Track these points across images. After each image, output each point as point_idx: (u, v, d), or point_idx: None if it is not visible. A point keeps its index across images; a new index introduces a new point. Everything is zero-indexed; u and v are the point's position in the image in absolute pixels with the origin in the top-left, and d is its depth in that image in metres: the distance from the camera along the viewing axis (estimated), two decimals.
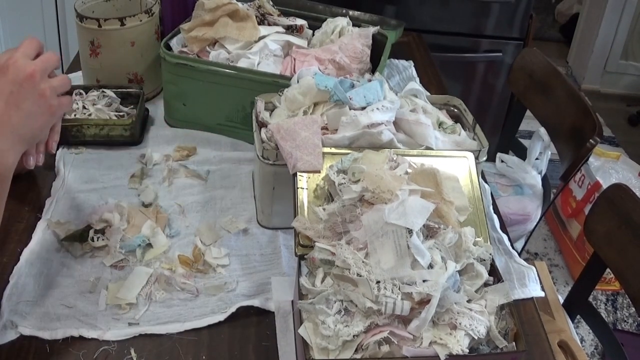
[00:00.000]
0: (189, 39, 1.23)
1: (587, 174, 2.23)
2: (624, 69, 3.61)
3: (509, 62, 2.24)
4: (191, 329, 0.84)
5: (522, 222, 1.62)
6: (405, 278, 0.74)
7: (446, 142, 0.99)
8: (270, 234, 1.01)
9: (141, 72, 1.30)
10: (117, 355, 0.80)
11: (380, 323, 0.73)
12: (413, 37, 1.82)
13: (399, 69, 1.58)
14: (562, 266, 2.34)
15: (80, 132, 1.15)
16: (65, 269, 0.91)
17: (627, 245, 1.08)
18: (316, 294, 0.76)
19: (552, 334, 1.07)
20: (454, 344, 0.72)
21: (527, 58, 1.69)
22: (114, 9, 1.34)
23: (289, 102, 1.02)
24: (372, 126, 0.93)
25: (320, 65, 1.20)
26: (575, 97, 1.50)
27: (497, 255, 1.03)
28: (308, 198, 0.87)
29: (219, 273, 0.93)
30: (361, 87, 0.99)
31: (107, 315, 0.85)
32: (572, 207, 2.31)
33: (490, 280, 0.81)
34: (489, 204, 1.15)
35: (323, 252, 0.79)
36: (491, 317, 0.76)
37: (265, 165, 0.96)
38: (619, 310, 2.18)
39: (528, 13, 2.19)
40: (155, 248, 0.95)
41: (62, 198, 1.04)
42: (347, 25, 1.32)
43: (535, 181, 1.64)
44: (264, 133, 0.96)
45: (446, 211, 0.83)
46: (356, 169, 0.86)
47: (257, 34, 1.24)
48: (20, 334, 0.81)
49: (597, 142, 1.35)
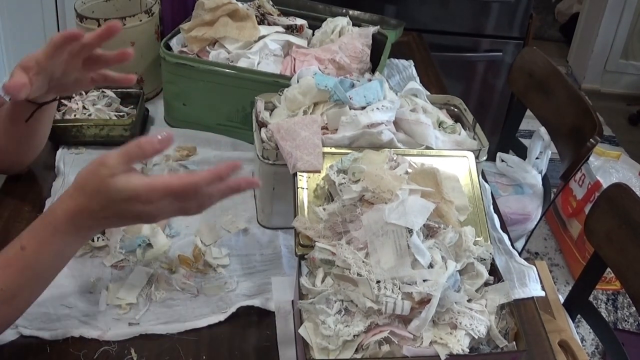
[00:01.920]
0: (189, 39, 1.23)
1: (587, 174, 2.23)
2: (624, 69, 3.61)
3: (509, 61, 2.24)
4: (191, 329, 0.84)
5: (522, 221, 1.61)
6: (405, 278, 0.74)
7: (446, 141, 0.99)
8: (270, 233, 1.01)
9: (141, 72, 1.29)
10: (117, 355, 0.80)
11: (381, 323, 0.73)
12: (413, 36, 1.82)
13: (399, 69, 1.58)
14: (563, 266, 2.34)
15: (80, 132, 1.15)
16: (65, 269, 0.90)
17: (628, 245, 1.08)
18: (316, 293, 0.76)
19: (552, 334, 1.06)
20: (454, 344, 0.72)
21: (527, 57, 1.69)
22: (114, 9, 1.34)
23: (289, 102, 1.02)
24: (372, 126, 0.93)
25: (320, 65, 1.20)
26: (575, 96, 1.50)
27: (498, 255, 1.03)
28: (308, 198, 0.87)
29: (219, 273, 0.93)
30: (361, 86, 0.99)
31: (107, 315, 0.85)
32: (572, 207, 2.31)
33: (491, 280, 0.81)
34: (489, 203, 1.15)
35: (323, 252, 0.79)
36: (491, 317, 0.76)
37: (265, 165, 0.96)
38: (619, 310, 2.18)
39: (528, 13, 2.19)
40: (155, 248, 0.95)
41: None
42: (347, 25, 1.32)
43: (536, 180, 1.64)
44: (264, 133, 0.96)
45: (446, 211, 0.83)
46: (356, 169, 0.85)
47: (257, 33, 1.24)
48: (20, 334, 0.81)
49: (597, 142, 1.35)
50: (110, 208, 0.71)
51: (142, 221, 0.74)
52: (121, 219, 0.73)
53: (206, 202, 0.73)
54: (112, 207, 0.71)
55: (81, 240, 0.75)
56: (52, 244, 0.72)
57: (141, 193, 0.70)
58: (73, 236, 0.73)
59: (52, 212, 0.73)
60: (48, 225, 0.72)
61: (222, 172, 0.71)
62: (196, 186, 0.71)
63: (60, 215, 0.72)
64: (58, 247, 0.73)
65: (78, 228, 0.72)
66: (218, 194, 0.73)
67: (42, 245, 0.72)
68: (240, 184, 0.74)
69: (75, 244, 0.75)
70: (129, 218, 0.73)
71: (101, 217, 0.72)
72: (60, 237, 0.72)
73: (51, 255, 0.73)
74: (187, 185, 0.71)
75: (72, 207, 0.71)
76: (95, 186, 0.70)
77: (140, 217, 0.73)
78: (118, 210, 0.71)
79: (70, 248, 0.75)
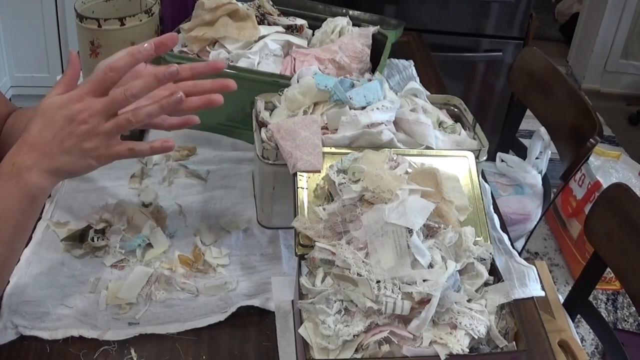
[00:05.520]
0: (189, 39, 1.23)
1: (587, 174, 2.23)
2: (624, 68, 3.61)
3: (509, 61, 2.24)
4: (191, 329, 0.84)
5: (522, 221, 1.61)
6: (405, 278, 0.74)
7: (446, 141, 0.99)
8: (270, 233, 1.01)
9: None
10: (117, 355, 0.80)
11: (381, 323, 0.73)
12: (413, 36, 1.82)
13: (399, 69, 1.58)
14: (563, 265, 2.34)
15: None
16: (65, 269, 0.91)
17: (627, 245, 1.08)
18: (316, 293, 0.76)
19: (552, 334, 1.07)
20: (454, 344, 0.72)
21: (527, 57, 1.69)
22: (114, 9, 1.34)
23: (289, 102, 1.02)
24: (372, 126, 0.93)
25: (320, 65, 1.20)
26: (575, 96, 1.50)
27: (498, 255, 1.03)
28: (308, 198, 0.87)
29: (219, 273, 0.93)
30: (361, 86, 0.99)
31: (107, 315, 0.85)
32: (572, 207, 2.31)
33: (491, 280, 0.81)
34: (489, 203, 1.15)
35: (323, 251, 0.79)
36: (491, 317, 0.76)
37: (265, 165, 0.96)
38: (619, 310, 2.18)
39: (528, 12, 2.20)
40: (155, 248, 0.95)
41: (62, 198, 1.04)
42: (347, 24, 1.32)
43: (536, 180, 1.64)
44: (264, 133, 0.96)
45: (446, 211, 0.83)
46: (356, 169, 0.85)
47: (257, 33, 1.24)
48: (20, 334, 0.81)
49: (597, 142, 1.35)
50: (47, 127, 0.74)
51: (86, 143, 0.75)
52: (60, 139, 0.74)
53: (133, 90, 0.75)
54: (48, 125, 0.74)
55: (23, 185, 0.73)
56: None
57: (72, 94, 0.75)
58: (15, 178, 0.73)
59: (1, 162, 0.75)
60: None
61: (136, 53, 0.77)
62: (111, 67, 0.75)
63: (4, 160, 0.74)
64: (1, 194, 0.73)
65: (18, 167, 0.73)
66: (142, 85, 0.75)
67: None
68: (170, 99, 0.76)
69: (17, 191, 0.73)
70: (66, 133, 0.74)
71: (40, 145, 0.74)
72: (1, 182, 0.73)
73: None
74: (104, 68, 0.75)
75: (13, 147, 0.75)
76: (34, 112, 0.76)
77: (80, 128, 0.74)
78: (53, 121, 0.74)
79: (14, 196, 0.73)
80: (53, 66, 2.82)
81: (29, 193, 0.74)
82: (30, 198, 0.75)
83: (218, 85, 0.84)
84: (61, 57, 2.82)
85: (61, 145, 0.75)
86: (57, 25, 2.75)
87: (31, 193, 0.74)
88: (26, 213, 0.75)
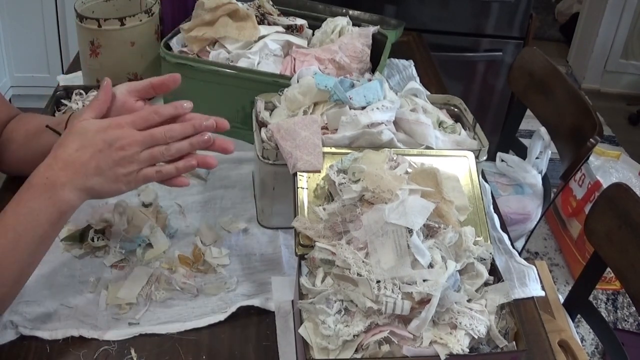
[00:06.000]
0: (189, 39, 1.23)
1: (587, 173, 2.23)
2: (624, 68, 3.61)
3: (509, 61, 2.24)
4: (191, 329, 0.84)
5: (522, 221, 1.61)
6: (405, 278, 0.74)
7: (446, 141, 0.99)
8: (270, 233, 1.01)
9: (141, 72, 1.29)
10: (117, 355, 0.80)
11: (381, 323, 0.73)
12: (413, 36, 1.82)
13: (399, 69, 1.58)
14: (563, 265, 2.34)
15: None
16: (65, 269, 0.91)
17: (628, 245, 1.08)
18: (316, 293, 0.76)
19: (552, 334, 1.07)
20: (454, 344, 0.72)
21: (527, 57, 1.69)
22: (114, 9, 1.34)
23: (289, 102, 1.02)
24: (372, 126, 0.93)
25: (320, 65, 1.20)
26: (575, 96, 1.50)
27: (498, 255, 1.03)
28: (308, 198, 0.87)
29: (219, 273, 0.93)
30: (361, 86, 0.99)
31: (107, 315, 0.85)
32: (572, 207, 2.31)
33: (491, 280, 0.81)
34: (489, 203, 1.15)
35: (323, 252, 0.79)
36: (491, 317, 0.76)
37: (265, 165, 0.96)
38: (619, 310, 2.18)
39: (528, 12, 2.19)
40: (155, 248, 0.95)
41: None
42: (347, 24, 1.32)
43: (536, 180, 1.64)
44: (264, 133, 0.96)
45: (446, 211, 0.83)
46: (356, 169, 0.85)
47: (257, 33, 1.24)
48: (20, 334, 0.81)
49: (597, 142, 1.35)
50: (86, 147, 0.78)
51: (120, 169, 0.79)
52: (96, 161, 0.78)
53: (173, 133, 0.82)
54: (86, 145, 0.78)
55: (56, 200, 0.76)
56: (28, 200, 0.76)
57: (111, 121, 0.80)
58: (48, 192, 0.76)
59: (33, 173, 0.77)
60: (26, 184, 0.77)
61: (180, 108, 0.85)
62: (156, 111, 0.83)
63: (36, 172, 0.77)
64: (32, 204, 0.75)
65: (53, 182, 0.76)
66: (180, 134, 0.83)
67: (18, 204, 0.76)
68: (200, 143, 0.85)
69: (48, 205, 0.76)
70: (104, 156, 0.78)
71: (77, 164, 0.77)
72: (34, 194, 0.76)
73: (26, 214, 0.75)
74: (148, 109, 0.83)
75: (46, 161, 0.78)
76: (68, 131, 0.80)
77: (118, 154, 0.78)
78: (92, 143, 0.78)
79: (45, 209, 0.76)
80: (53, 66, 2.82)
81: (60, 208, 0.77)
82: (60, 213, 0.78)
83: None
84: (61, 57, 2.81)
85: (97, 167, 0.78)
86: (57, 25, 2.75)
87: (62, 208, 0.78)
88: (53, 226, 0.78)
